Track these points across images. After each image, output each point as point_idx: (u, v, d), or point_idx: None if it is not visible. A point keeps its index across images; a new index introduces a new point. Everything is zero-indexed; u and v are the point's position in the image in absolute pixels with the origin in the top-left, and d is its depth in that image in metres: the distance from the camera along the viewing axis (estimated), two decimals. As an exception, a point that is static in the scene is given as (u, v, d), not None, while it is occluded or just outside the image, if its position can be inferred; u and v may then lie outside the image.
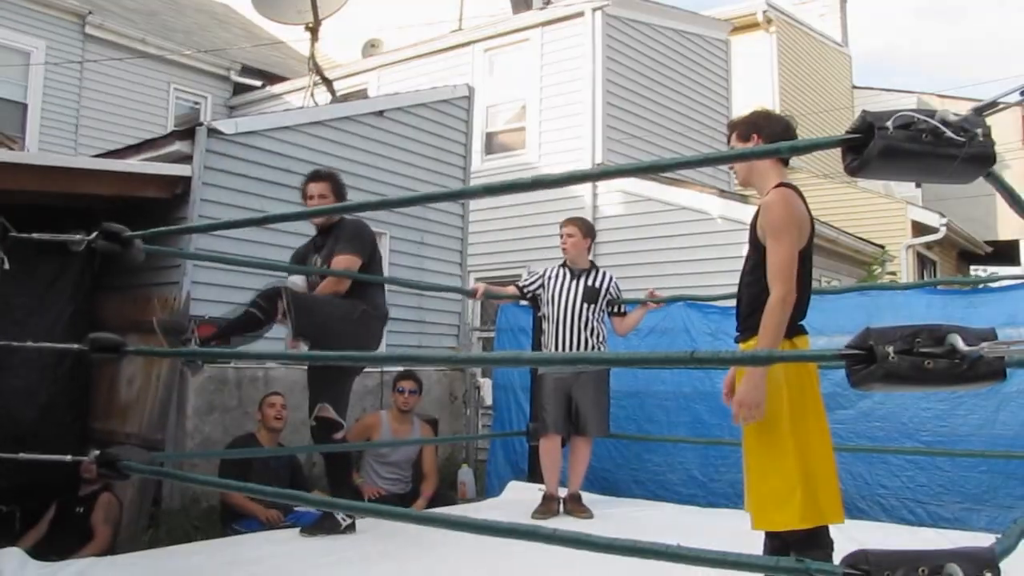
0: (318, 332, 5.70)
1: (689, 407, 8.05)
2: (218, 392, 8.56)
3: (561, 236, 7.18)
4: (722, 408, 6.45)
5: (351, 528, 5.92)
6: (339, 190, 6.27)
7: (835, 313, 6.82)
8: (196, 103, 17.62)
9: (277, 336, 6.79)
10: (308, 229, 6.77)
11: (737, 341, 4.08)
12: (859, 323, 2.30)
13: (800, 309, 3.93)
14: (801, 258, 3.86)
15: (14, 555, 5.00)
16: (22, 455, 3.71)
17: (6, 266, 3.48)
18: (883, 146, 2.18)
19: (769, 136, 4.03)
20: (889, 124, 2.18)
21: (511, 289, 7.50)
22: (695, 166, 2.93)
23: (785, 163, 4.16)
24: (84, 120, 15.58)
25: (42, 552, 5.53)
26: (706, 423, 7.88)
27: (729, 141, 4.29)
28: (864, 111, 2.26)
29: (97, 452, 3.48)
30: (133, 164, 8.64)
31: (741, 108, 15.61)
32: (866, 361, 2.12)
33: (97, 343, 3.64)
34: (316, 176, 6.34)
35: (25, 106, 14.96)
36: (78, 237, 3.68)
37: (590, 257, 7.37)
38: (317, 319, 5.76)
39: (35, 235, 3.63)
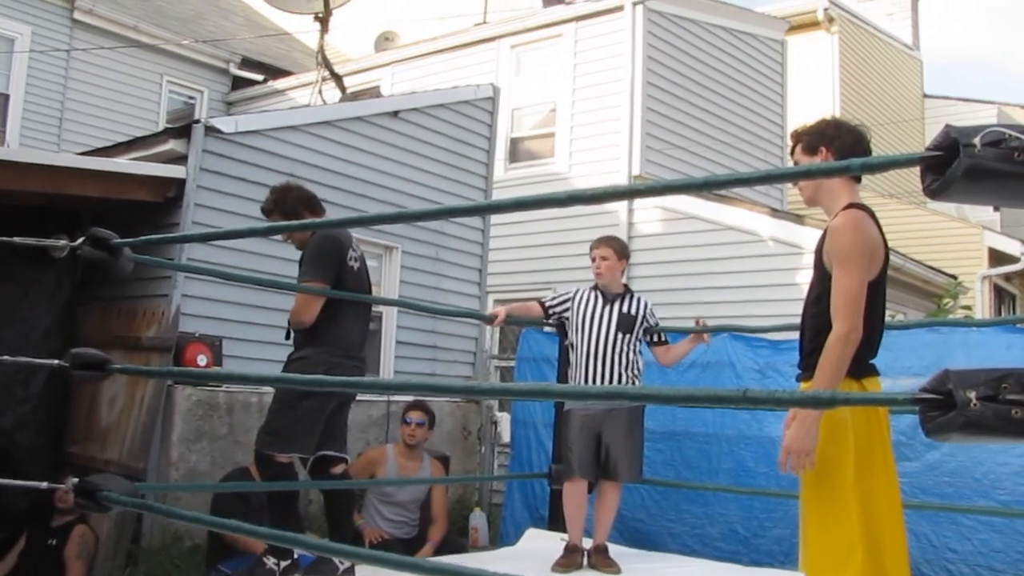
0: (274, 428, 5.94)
1: (733, 452, 8.00)
2: (207, 418, 8.56)
3: (593, 259, 7.12)
4: (769, 455, 6.42)
5: (349, 573, 5.91)
6: (292, 212, 6.13)
7: (900, 352, 6.75)
8: (191, 98, 17.71)
9: (274, 358, 6.81)
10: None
11: (799, 380, 4.05)
12: (927, 364, 2.29)
13: (871, 347, 3.89)
14: (872, 289, 3.82)
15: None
16: (-8, 481, 3.70)
17: (-18, 271, 3.48)
18: (969, 166, 2.14)
19: (840, 149, 3.99)
20: (976, 141, 2.15)
21: (534, 306, 7.42)
22: (752, 183, 2.92)
23: (857, 180, 4.12)
24: (69, 114, 15.70)
25: (11, 586, 5.54)
26: (751, 471, 7.82)
27: (793, 153, 4.24)
28: (948, 126, 2.23)
29: (76, 480, 3.47)
30: (122, 164, 8.68)
31: (797, 117, 15.59)
32: (944, 407, 2.09)
33: (80, 359, 3.64)
34: (265, 213, 6.28)
35: (7, 97, 15.10)
36: (62, 242, 3.68)
37: (623, 280, 7.34)
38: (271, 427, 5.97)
39: (16, 239, 3.63)
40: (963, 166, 2.16)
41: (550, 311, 7.28)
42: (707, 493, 7.99)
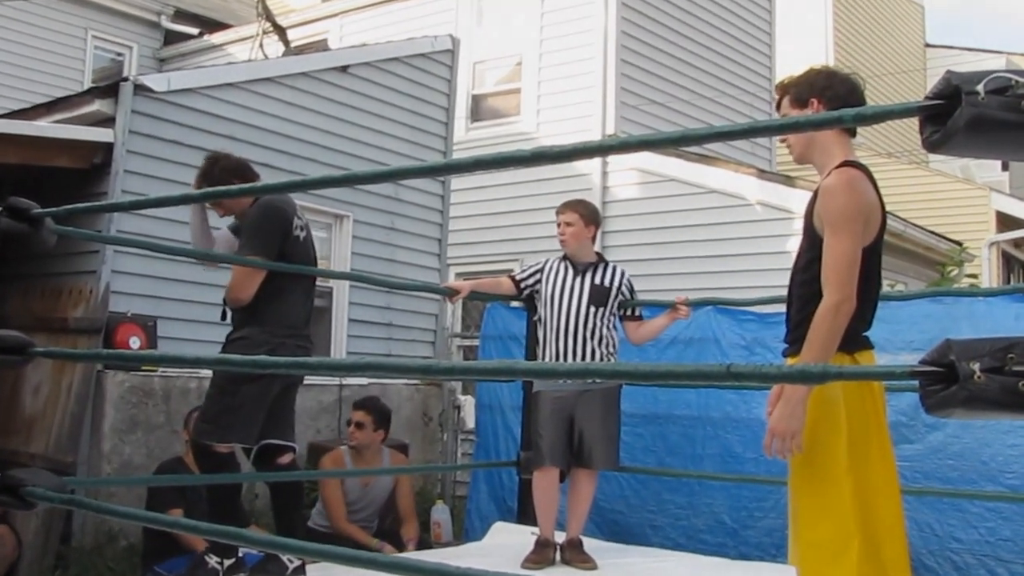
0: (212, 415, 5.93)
1: (719, 436, 8.01)
2: (141, 406, 8.53)
3: (558, 225, 7.11)
4: (759, 439, 6.43)
5: (300, 572, 5.91)
6: (210, 178, 6.09)
7: (900, 325, 6.78)
8: (119, 54, 17.56)
9: (213, 339, 6.78)
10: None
11: (785, 355, 4.05)
12: (930, 337, 2.30)
13: (865, 318, 3.89)
14: (868, 255, 3.82)
15: None
16: None
17: None
18: (972, 115, 2.14)
19: (831, 100, 3.97)
20: (980, 88, 2.14)
21: (505, 282, 7.40)
22: (734, 138, 2.92)
23: (852, 134, 4.11)
24: (-18, 73, 15.53)
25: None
26: (739, 457, 7.84)
27: (779, 107, 4.22)
28: (949, 71, 2.23)
29: (-5, 475, 3.45)
30: (43, 127, 8.61)
31: (787, 69, 15.52)
32: (946, 381, 2.09)
33: (-2, 342, 3.61)
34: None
35: (-89, 55, 14.94)
36: (-25, 214, 3.65)
37: (596, 248, 7.33)
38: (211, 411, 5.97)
39: (-78, 210, 3.60)
40: (965, 116, 2.16)
41: (522, 285, 7.25)
42: (691, 481, 8.01)
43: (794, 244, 4.43)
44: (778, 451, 3.77)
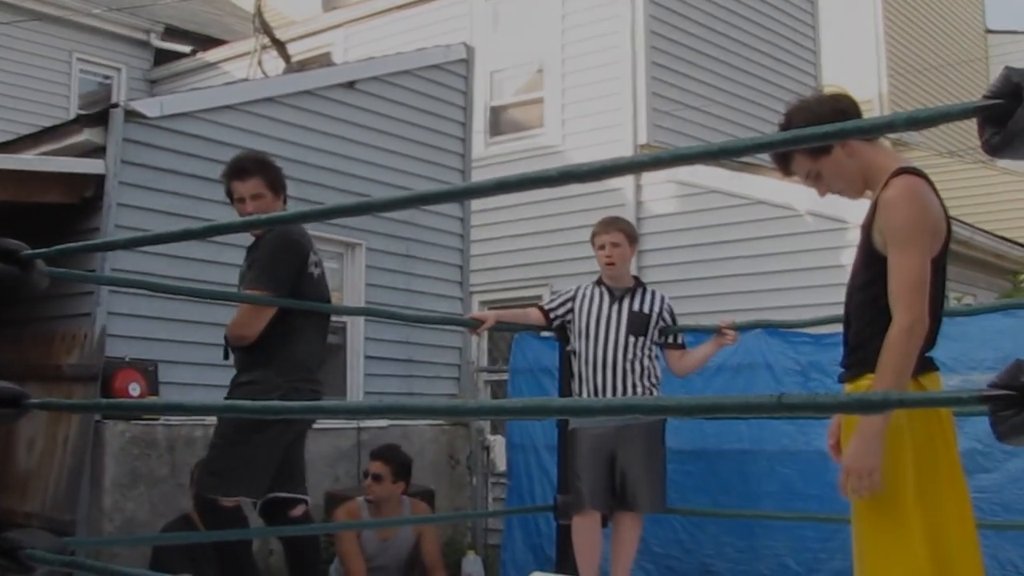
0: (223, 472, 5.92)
1: (776, 471, 7.96)
2: (143, 458, 8.54)
3: (601, 247, 7.07)
4: (820, 473, 6.40)
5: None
6: (275, 182, 6.11)
7: (970, 342, 6.72)
8: (107, 77, 17.62)
9: (219, 383, 6.80)
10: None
11: (841, 380, 4.03)
12: (1004, 355, 2.29)
13: (929, 337, 3.85)
14: (933, 269, 3.79)
15: None
16: None
17: None
18: (1035, 115, 2.15)
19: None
20: (1044, 85, 2.15)
21: (533, 313, 7.40)
22: (777, 148, 2.92)
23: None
24: (-39, 102, 15.60)
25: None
26: (800, 493, 7.78)
27: (788, 171, 4.15)
28: (1008, 68, 2.23)
29: (-8, 537, 3.48)
30: (28, 160, 8.67)
31: (833, 66, 15.45)
32: (1019, 405, 2.09)
33: (-12, 395, 3.64)
34: (240, 171, 6.13)
35: None
36: (-39, 258, 3.68)
37: (632, 272, 7.32)
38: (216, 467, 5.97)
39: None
40: (1028, 116, 2.16)
41: (552, 315, 7.22)
42: (750, 522, 7.96)
43: (849, 257, 4.40)
44: (855, 490, 3.73)
